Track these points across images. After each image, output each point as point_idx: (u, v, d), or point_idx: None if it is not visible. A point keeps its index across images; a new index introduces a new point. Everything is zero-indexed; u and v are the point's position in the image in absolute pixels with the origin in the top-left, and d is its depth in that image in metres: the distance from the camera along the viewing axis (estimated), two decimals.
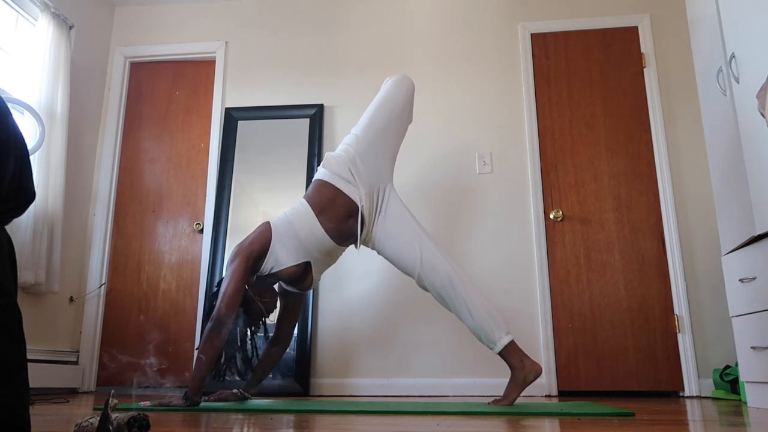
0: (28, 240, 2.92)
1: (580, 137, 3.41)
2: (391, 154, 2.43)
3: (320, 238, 2.29)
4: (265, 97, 3.72)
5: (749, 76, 2.24)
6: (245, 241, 2.29)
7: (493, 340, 2.20)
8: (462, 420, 1.68)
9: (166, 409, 1.99)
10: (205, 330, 2.13)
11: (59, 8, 3.36)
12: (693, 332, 3.07)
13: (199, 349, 2.11)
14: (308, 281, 2.38)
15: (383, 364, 3.20)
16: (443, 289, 2.24)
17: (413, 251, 2.28)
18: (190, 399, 2.05)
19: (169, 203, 3.65)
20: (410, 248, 2.28)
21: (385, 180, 2.40)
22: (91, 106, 3.70)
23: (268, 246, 2.27)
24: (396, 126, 2.44)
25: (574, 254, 3.26)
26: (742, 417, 1.82)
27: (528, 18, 3.62)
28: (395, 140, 2.45)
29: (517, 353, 2.22)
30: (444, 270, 2.24)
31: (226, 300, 2.15)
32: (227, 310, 2.14)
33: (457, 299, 2.22)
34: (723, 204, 2.58)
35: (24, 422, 0.92)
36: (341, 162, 2.34)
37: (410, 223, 2.34)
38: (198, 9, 3.93)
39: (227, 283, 2.18)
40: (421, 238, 2.30)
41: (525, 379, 2.19)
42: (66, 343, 3.36)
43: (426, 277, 2.26)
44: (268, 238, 2.28)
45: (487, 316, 2.20)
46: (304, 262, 2.31)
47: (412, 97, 2.52)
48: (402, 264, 2.32)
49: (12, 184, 1.00)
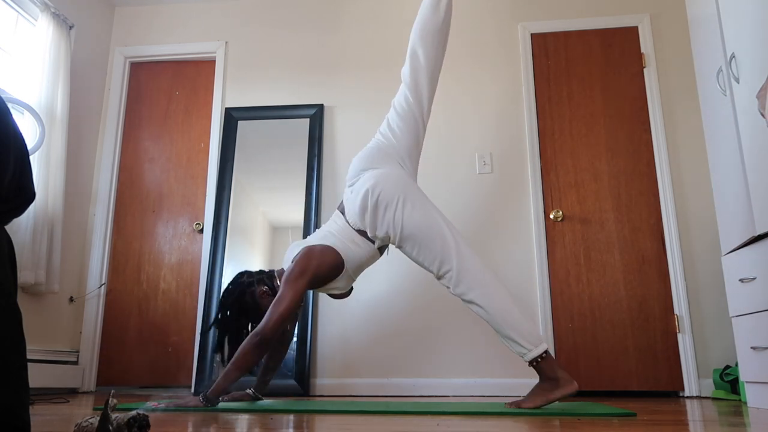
0: (28, 240, 2.92)
1: (580, 137, 3.41)
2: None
3: (373, 254, 2.30)
4: (265, 97, 3.72)
5: (749, 76, 2.24)
6: (311, 261, 2.17)
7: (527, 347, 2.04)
8: (462, 420, 1.68)
9: (182, 409, 1.99)
10: (245, 342, 2.06)
11: (59, 8, 3.36)
12: (693, 332, 3.07)
13: (236, 358, 2.04)
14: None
15: (383, 364, 3.20)
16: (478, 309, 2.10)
17: (448, 261, 2.13)
18: (210, 400, 2.04)
19: (169, 203, 3.65)
20: (443, 256, 2.14)
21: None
22: (91, 106, 3.70)
23: (337, 274, 2.22)
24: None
25: (574, 254, 3.26)
26: (742, 417, 1.82)
27: (528, 18, 3.62)
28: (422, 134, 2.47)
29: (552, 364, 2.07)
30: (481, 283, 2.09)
31: (277, 319, 2.06)
32: (275, 328, 2.07)
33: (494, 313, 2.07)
34: (723, 204, 2.58)
35: (24, 422, 0.92)
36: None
37: (438, 227, 2.18)
38: (198, 9, 3.93)
39: (283, 303, 2.09)
40: (457, 245, 2.13)
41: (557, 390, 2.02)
42: (66, 343, 3.36)
43: (458, 287, 2.12)
44: (339, 264, 2.21)
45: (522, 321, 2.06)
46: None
47: None
48: (429, 267, 2.20)
49: (12, 184, 1.00)
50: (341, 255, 2.21)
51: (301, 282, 2.13)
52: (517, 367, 3.02)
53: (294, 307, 2.11)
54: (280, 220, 3.49)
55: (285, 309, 2.08)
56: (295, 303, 2.11)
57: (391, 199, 2.19)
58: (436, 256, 2.14)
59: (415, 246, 2.17)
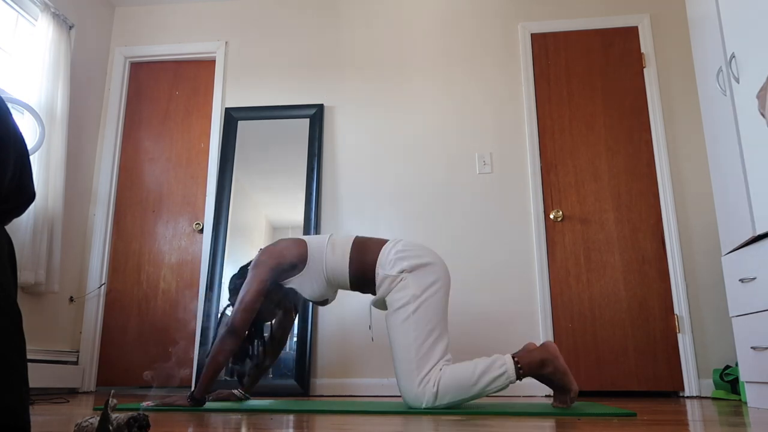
0: (28, 240, 2.92)
1: (580, 137, 3.41)
2: None
3: (341, 280, 2.18)
4: (265, 97, 3.72)
5: (749, 76, 2.24)
6: (276, 246, 2.17)
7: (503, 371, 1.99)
8: (462, 420, 1.68)
9: (169, 409, 1.99)
10: (218, 334, 2.08)
11: (59, 8, 3.36)
12: (693, 332, 3.07)
13: (211, 352, 2.06)
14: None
15: (383, 364, 3.20)
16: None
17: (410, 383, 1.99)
18: (195, 399, 2.04)
19: (169, 203, 3.65)
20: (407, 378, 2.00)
21: None
22: (91, 106, 3.70)
23: (301, 267, 2.15)
24: None
25: (574, 254, 3.26)
26: (742, 417, 1.82)
27: (528, 18, 3.62)
28: None
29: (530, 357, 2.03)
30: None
31: (244, 306, 2.06)
32: (243, 317, 2.06)
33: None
34: (723, 204, 2.58)
35: (24, 422, 0.92)
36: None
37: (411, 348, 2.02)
38: (198, 9, 3.93)
39: (246, 289, 2.09)
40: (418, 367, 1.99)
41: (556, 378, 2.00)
42: (66, 343, 3.36)
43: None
44: (303, 256, 2.15)
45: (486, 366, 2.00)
46: (323, 299, 2.25)
47: None
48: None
49: (12, 184, 1.00)
50: (308, 249, 2.16)
51: (264, 268, 2.11)
52: None
53: (257, 294, 2.07)
54: (280, 220, 3.49)
55: (249, 297, 2.07)
56: (257, 291, 2.08)
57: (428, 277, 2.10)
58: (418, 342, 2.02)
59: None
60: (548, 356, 2.00)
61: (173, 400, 2.07)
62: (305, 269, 2.16)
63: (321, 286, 2.18)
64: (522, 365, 1.99)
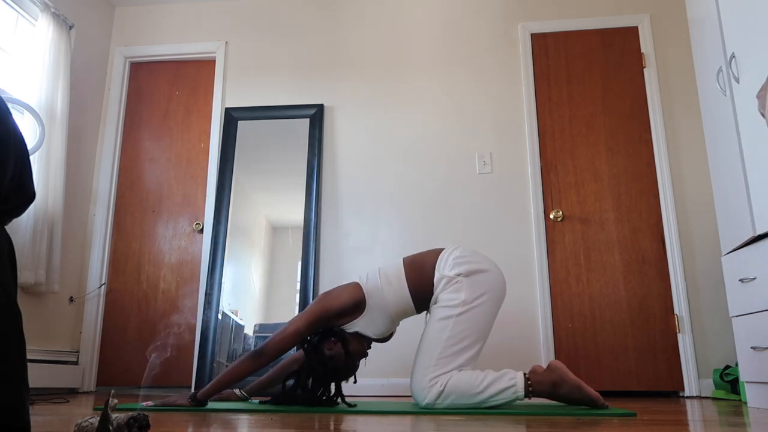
0: (28, 240, 2.92)
1: (580, 137, 3.41)
2: None
3: (406, 308, 2.15)
4: (265, 97, 3.72)
5: (749, 76, 2.24)
6: (329, 293, 2.15)
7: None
8: (462, 420, 1.68)
9: (169, 409, 1.99)
10: (246, 353, 2.06)
11: (59, 8, 3.36)
12: (693, 332, 3.07)
13: (231, 366, 2.05)
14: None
15: (383, 364, 3.20)
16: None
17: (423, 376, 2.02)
18: (197, 401, 2.04)
19: (169, 203, 3.65)
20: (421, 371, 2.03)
21: None
22: (91, 106, 3.70)
23: (360, 309, 2.13)
24: None
25: (574, 254, 3.26)
26: (742, 417, 1.82)
27: (528, 18, 3.62)
28: None
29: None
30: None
31: (280, 339, 2.05)
32: (276, 348, 2.04)
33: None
34: (723, 204, 2.58)
35: (24, 422, 0.92)
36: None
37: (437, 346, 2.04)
38: (198, 9, 3.93)
39: (291, 324, 2.08)
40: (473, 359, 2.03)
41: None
42: (66, 343, 3.36)
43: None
44: (359, 299, 2.12)
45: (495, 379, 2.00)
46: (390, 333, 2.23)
47: None
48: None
49: (12, 184, 1.00)
50: (363, 290, 2.14)
51: (314, 310, 2.09)
52: (522, 365, 3.02)
53: (295, 333, 2.06)
54: (280, 220, 3.49)
55: (288, 333, 2.06)
56: (296, 330, 2.06)
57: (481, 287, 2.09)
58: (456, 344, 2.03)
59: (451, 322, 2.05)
60: (558, 378, 1.99)
61: (173, 399, 2.07)
62: (366, 310, 2.14)
63: (386, 322, 2.16)
64: (532, 383, 1.99)
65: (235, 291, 3.37)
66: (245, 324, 3.32)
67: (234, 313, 3.34)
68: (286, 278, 3.38)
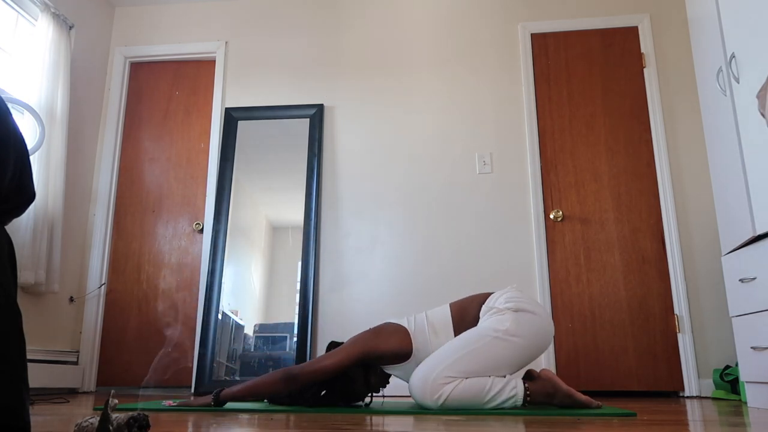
0: (28, 240, 2.92)
1: (580, 137, 3.41)
2: None
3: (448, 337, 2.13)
4: (265, 97, 3.72)
5: (749, 76, 2.24)
6: (381, 337, 2.11)
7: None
8: (462, 420, 1.68)
9: (189, 409, 1.99)
10: (279, 371, 2.03)
11: (59, 8, 3.36)
12: (693, 332, 3.07)
13: (260, 379, 2.03)
14: None
15: None
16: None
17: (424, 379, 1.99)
18: (218, 400, 2.03)
19: (169, 203, 3.65)
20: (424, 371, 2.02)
21: None
22: (91, 106, 3.70)
23: (405, 357, 2.10)
24: None
25: (574, 254, 3.26)
26: (742, 417, 1.82)
27: (528, 18, 3.62)
28: None
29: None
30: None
31: (318, 368, 2.02)
32: (311, 377, 2.02)
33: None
34: (723, 204, 2.58)
35: (24, 422, 0.92)
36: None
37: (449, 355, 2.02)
38: (198, 9, 3.93)
39: (332, 357, 2.05)
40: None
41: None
42: (66, 343, 3.36)
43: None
44: (406, 349, 2.09)
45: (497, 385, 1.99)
46: None
47: None
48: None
49: (12, 184, 1.00)
50: (412, 339, 2.11)
51: (356, 349, 2.07)
52: None
53: (336, 365, 2.03)
54: (280, 220, 3.49)
55: (327, 366, 2.04)
56: (338, 363, 2.04)
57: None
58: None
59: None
60: (551, 389, 2.01)
61: (197, 401, 2.06)
62: (411, 359, 2.11)
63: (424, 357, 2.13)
64: (531, 392, 2.00)
65: (235, 291, 3.37)
66: (245, 324, 3.33)
67: (234, 313, 3.34)
68: (286, 278, 3.38)
